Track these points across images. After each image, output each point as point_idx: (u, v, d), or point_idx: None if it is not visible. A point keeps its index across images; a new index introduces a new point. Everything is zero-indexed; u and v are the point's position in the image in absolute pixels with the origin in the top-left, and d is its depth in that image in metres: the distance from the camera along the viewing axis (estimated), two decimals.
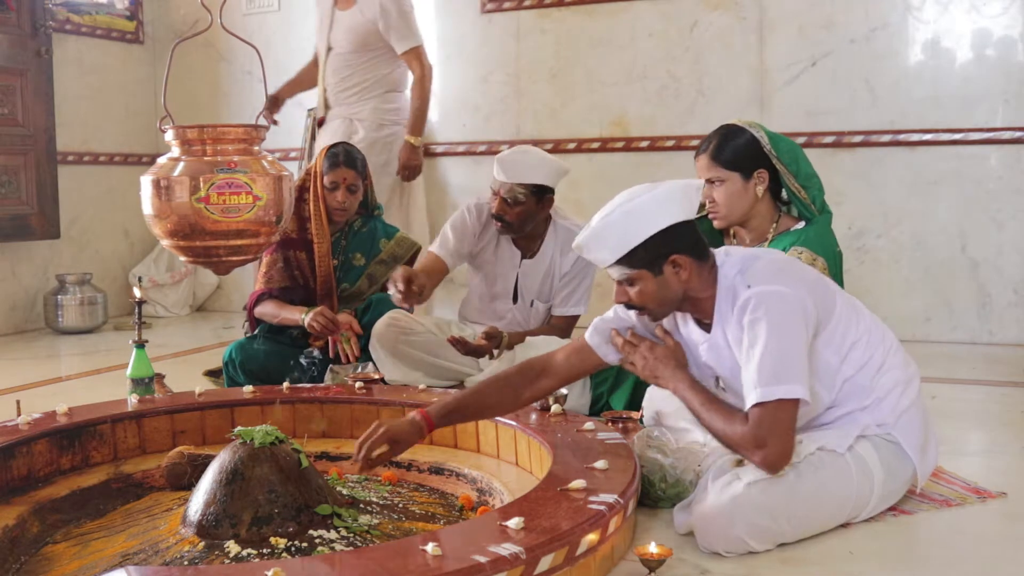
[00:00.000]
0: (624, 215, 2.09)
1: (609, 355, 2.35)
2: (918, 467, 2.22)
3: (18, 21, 5.14)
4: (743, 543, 2.00)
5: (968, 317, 4.65)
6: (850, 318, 2.19)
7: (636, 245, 2.09)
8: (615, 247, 2.11)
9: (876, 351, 2.20)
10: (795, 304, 2.06)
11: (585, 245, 2.17)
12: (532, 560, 1.67)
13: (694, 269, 2.13)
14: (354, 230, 3.62)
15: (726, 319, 2.14)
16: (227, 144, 2.08)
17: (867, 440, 2.16)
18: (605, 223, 2.11)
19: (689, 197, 2.14)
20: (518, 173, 3.29)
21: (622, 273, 2.14)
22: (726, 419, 2.07)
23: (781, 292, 2.06)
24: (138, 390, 2.90)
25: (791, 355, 2.03)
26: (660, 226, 2.08)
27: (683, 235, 2.12)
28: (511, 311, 3.53)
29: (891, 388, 2.20)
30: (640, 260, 2.11)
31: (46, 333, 5.34)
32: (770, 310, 2.04)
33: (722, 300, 2.15)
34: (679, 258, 2.11)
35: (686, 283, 2.14)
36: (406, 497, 2.39)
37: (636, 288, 2.15)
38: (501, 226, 3.39)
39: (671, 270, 2.12)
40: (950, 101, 4.61)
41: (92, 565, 1.95)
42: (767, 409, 2.01)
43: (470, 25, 5.48)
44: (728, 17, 4.95)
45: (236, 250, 2.08)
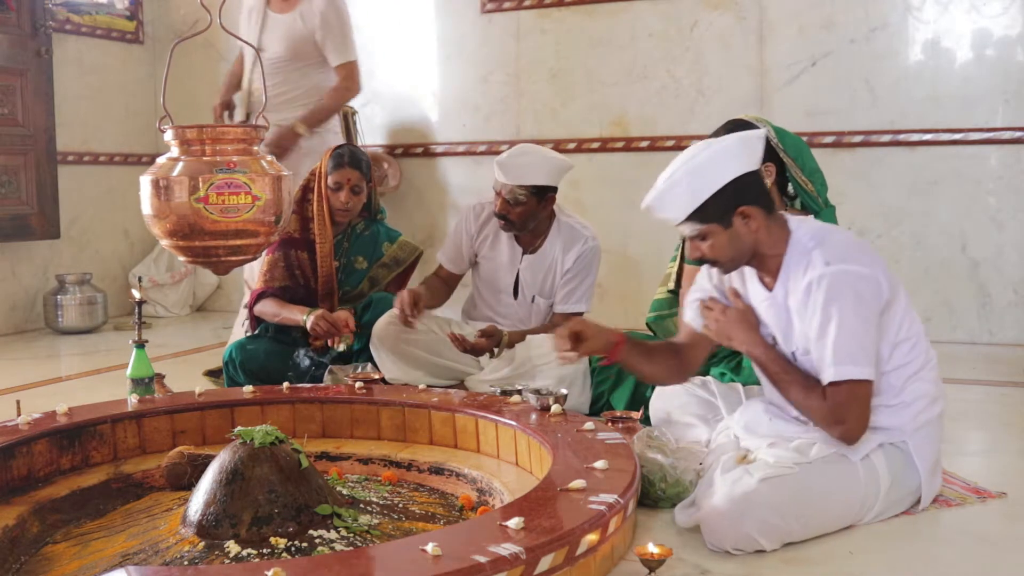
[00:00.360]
0: (689, 172, 2.15)
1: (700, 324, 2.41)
2: (924, 486, 2.23)
3: (18, 21, 5.14)
4: (752, 541, 2.00)
5: (968, 317, 4.64)
6: (905, 316, 2.21)
7: (705, 200, 2.14)
8: (684, 204, 2.16)
9: (917, 358, 2.22)
10: (871, 284, 2.12)
11: (654, 205, 2.22)
12: (532, 560, 1.67)
13: (763, 220, 2.18)
14: (356, 232, 3.62)
15: (792, 282, 2.18)
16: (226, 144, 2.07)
17: (880, 449, 2.18)
18: (671, 182, 2.17)
19: (751, 148, 2.18)
20: (518, 175, 3.31)
21: (693, 229, 2.20)
22: (805, 391, 2.15)
23: (859, 272, 2.11)
24: (138, 390, 2.90)
25: (863, 336, 2.09)
26: (726, 179, 2.14)
27: (749, 186, 2.17)
28: (512, 307, 3.54)
29: (918, 397, 2.21)
30: (710, 214, 2.16)
31: (46, 333, 5.34)
32: (846, 290, 2.09)
33: (791, 263, 2.19)
34: (748, 209, 2.16)
35: (756, 234, 2.18)
36: (406, 497, 2.39)
37: (708, 242, 2.19)
38: (504, 224, 3.41)
39: (741, 222, 2.17)
40: (950, 101, 4.61)
41: (92, 565, 1.95)
42: (842, 388, 2.08)
43: (470, 25, 5.48)
44: (728, 17, 4.95)
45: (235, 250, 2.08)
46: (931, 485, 2.25)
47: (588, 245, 3.46)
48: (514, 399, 2.73)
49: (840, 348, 2.08)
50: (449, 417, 2.71)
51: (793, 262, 2.19)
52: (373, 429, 2.80)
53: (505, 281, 3.54)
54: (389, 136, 5.74)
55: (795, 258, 2.19)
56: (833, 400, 2.10)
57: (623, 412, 2.76)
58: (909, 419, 2.20)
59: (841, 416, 2.10)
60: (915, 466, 2.21)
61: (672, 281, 3.06)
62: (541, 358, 3.21)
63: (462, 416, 2.68)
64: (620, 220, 5.18)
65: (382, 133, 5.74)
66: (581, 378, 3.15)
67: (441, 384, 3.33)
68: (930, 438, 2.23)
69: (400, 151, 5.70)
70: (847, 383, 2.09)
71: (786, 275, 2.20)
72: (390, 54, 5.70)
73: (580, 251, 3.45)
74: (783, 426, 2.26)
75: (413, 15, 5.63)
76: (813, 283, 2.12)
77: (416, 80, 5.65)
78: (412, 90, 5.67)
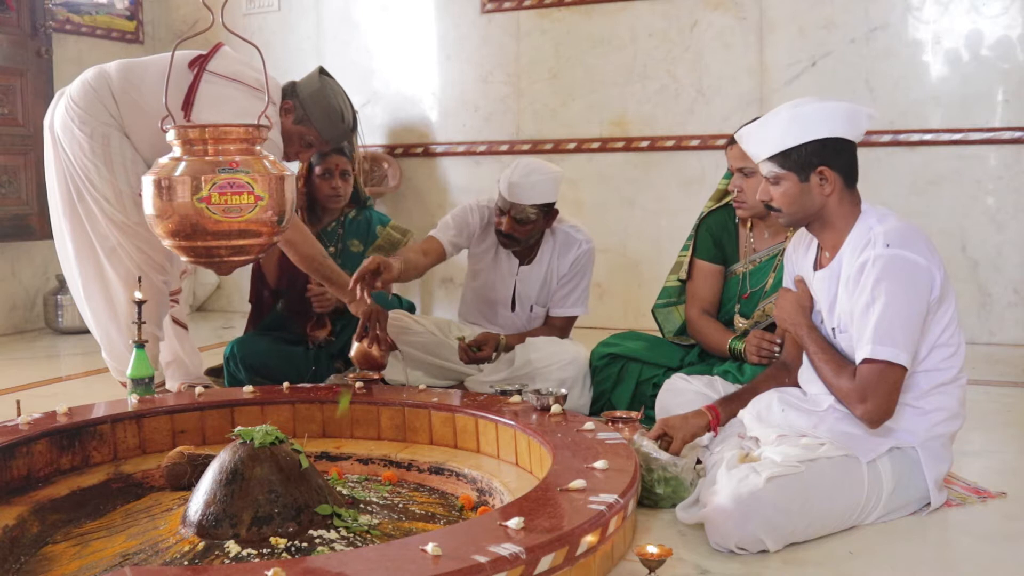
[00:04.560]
0: (792, 116, 2.20)
1: None
2: (933, 496, 2.23)
3: (18, 21, 5.14)
4: (757, 540, 2.00)
5: (968, 317, 4.64)
6: (951, 323, 2.22)
7: (793, 145, 2.18)
8: (774, 142, 2.21)
9: (950, 370, 2.23)
10: (925, 275, 2.14)
11: (746, 135, 2.28)
12: (532, 560, 1.67)
13: (839, 188, 2.22)
14: (349, 219, 3.66)
15: (849, 257, 2.21)
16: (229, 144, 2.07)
17: (887, 453, 2.18)
18: (771, 119, 2.23)
19: (858, 119, 2.22)
20: (531, 195, 3.26)
21: (771, 170, 2.24)
22: (836, 370, 2.19)
23: (916, 260, 2.13)
24: (138, 390, 2.89)
25: (907, 322, 2.11)
26: (821, 134, 2.18)
27: (839, 151, 2.21)
28: (509, 318, 3.52)
29: (939, 408, 2.22)
30: (792, 162, 2.20)
31: (46, 333, 5.34)
32: (900, 274, 2.11)
33: (854, 238, 2.22)
34: (828, 171, 2.19)
35: (827, 198, 2.22)
36: (406, 497, 2.39)
37: (780, 188, 2.24)
38: (508, 242, 3.36)
39: (817, 180, 2.20)
40: (950, 101, 4.61)
41: (92, 565, 1.95)
42: (875, 367, 2.11)
43: (470, 25, 5.48)
44: (728, 17, 4.96)
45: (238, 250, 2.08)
46: (937, 497, 2.25)
47: (583, 249, 3.44)
48: (514, 399, 2.73)
49: (881, 328, 2.10)
50: (449, 417, 2.71)
51: (856, 238, 2.22)
52: (373, 429, 2.80)
53: (502, 294, 3.51)
54: (389, 136, 5.74)
55: (860, 234, 2.22)
56: (863, 377, 2.12)
57: (623, 412, 2.76)
58: (924, 426, 2.20)
59: (866, 394, 2.12)
60: (921, 474, 2.20)
61: (683, 270, 3.07)
62: (541, 361, 3.20)
63: (462, 416, 2.68)
64: (620, 220, 5.19)
65: (382, 133, 5.75)
66: (581, 381, 3.15)
67: (441, 384, 3.33)
68: (940, 452, 2.24)
69: (400, 151, 5.70)
70: (881, 363, 2.10)
71: (845, 249, 2.24)
72: (390, 54, 5.70)
73: (576, 255, 3.43)
74: (795, 417, 2.27)
75: (413, 15, 5.64)
76: (869, 261, 2.14)
77: (416, 80, 5.66)
78: (412, 90, 5.67)
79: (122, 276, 3.20)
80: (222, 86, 3.05)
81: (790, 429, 2.24)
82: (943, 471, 2.26)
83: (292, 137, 3.22)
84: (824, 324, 2.30)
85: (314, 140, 3.27)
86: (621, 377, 3.09)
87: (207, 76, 3.05)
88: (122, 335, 3.22)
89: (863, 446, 2.16)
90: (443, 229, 3.45)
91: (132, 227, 3.14)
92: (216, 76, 3.06)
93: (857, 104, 2.27)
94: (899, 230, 2.18)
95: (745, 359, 2.85)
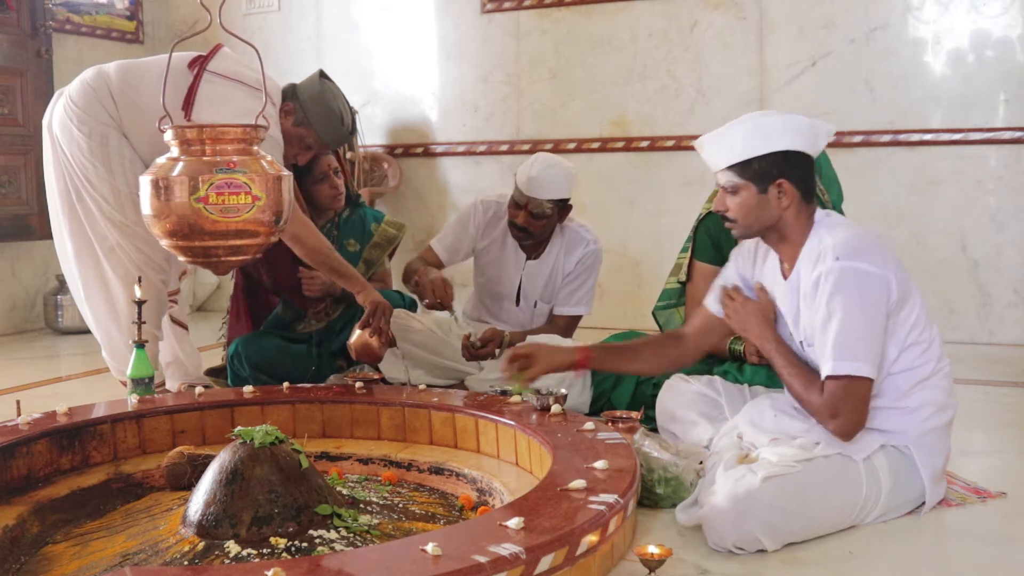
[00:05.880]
0: (753, 126, 2.20)
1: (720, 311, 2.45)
2: (928, 492, 2.23)
3: (18, 21, 5.14)
4: (755, 540, 2.00)
5: (968, 317, 4.64)
6: (919, 320, 2.21)
7: (754, 156, 2.18)
8: (734, 151, 2.21)
9: (928, 363, 2.22)
10: (879, 283, 2.12)
11: (706, 143, 2.27)
12: (532, 560, 1.67)
13: (796, 202, 2.21)
14: (343, 218, 3.64)
15: (805, 271, 2.21)
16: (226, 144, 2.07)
17: (882, 450, 2.18)
18: (732, 129, 2.22)
19: (817, 134, 2.23)
20: (550, 189, 3.31)
21: (730, 180, 2.24)
22: (806, 384, 2.18)
23: (867, 271, 2.12)
24: (138, 390, 2.89)
25: (866, 333, 2.10)
26: (781, 146, 2.18)
27: (798, 165, 2.21)
28: (514, 312, 3.54)
29: (925, 404, 2.21)
30: (751, 172, 2.20)
31: (46, 333, 5.34)
32: (852, 286, 2.11)
33: (808, 253, 2.22)
34: (786, 184, 2.20)
35: (784, 211, 2.22)
36: (406, 497, 2.39)
37: (738, 198, 2.23)
38: (523, 236, 3.39)
39: (775, 192, 2.20)
40: (950, 101, 4.61)
41: (92, 565, 1.95)
42: (840, 383, 2.10)
43: (470, 25, 5.48)
44: (728, 17, 4.96)
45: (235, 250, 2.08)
46: (935, 492, 2.25)
47: (590, 248, 3.47)
48: (514, 399, 2.73)
49: (840, 343, 2.10)
50: (449, 417, 2.71)
51: (810, 251, 2.22)
52: (373, 429, 2.80)
53: (508, 288, 3.54)
54: (389, 136, 5.74)
55: (812, 248, 2.22)
56: (830, 394, 2.12)
57: (623, 412, 2.76)
58: (914, 424, 2.20)
59: (836, 410, 2.11)
60: (918, 472, 2.20)
61: (683, 272, 3.07)
62: None
63: (462, 416, 2.68)
64: (620, 220, 5.19)
65: (382, 133, 5.75)
66: (581, 379, 3.15)
67: (441, 384, 3.33)
68: (935, 446, 2.23)
69: (400, 151, 5.70)
70: (845, 378, 2.10)
71: (801, 263, 2.24)
72: (390, 54, 5.70)
73: (582, 254, 3.46)
74: (788, 423, 2.27)
75: (413, 15, 5.64)
76: (822, 276, 2.14)
77: (416, 80, 5.66)
78: (412, 90, 5.68)
79: (121, 276, 3.20)
80: (223, 86, 3.05)
81: (783, 434, 2.25)
82: (940, 464, 2.25)
83: (292, 139, 3.22)
84: (792, 337, 2.29)
85: (313, 143, 3.27)
86: (621, 377, 3.09)
87: (207, 76, 3.05)
88: (122, 335, 3.22)
89: (856, 444, 2.16)
90: (441, 238, 3.54)
91: (130, 227, 3.14)
92: (216, 76, 3.06)
93: (818, 120, 2.27)
94: (848, 241, 2.16)
95: (745, 359, 2.86)
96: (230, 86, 3.05)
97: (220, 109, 2.97)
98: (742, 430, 2.36)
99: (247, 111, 2.61)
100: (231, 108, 2.95)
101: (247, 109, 2.70)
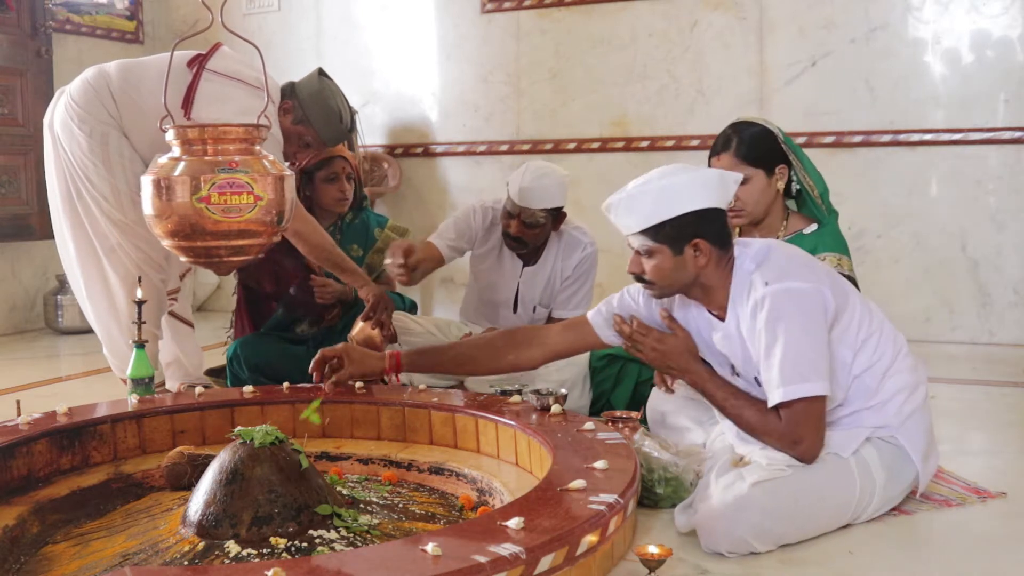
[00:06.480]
0: (661, 188, 2.13)
1: (611, 337, 2.41)
2: (920, 472, 2.23)
3: (18, 21, 5.14)
4: (746, 543, 2.00)
5: (968, 317, 4.65)
6: (863, 314, 2.20)
7: (665, 219, 2.12)
8: (644, 216, 2.14)
9: (886, 352, 2.20)
10: (814, 299, 2.09)
11: (615, 207, 2.19)
12: (532, 560, 1.67)
13: (713, 257, 2.17)
14: (347, 222, 3.64)
15: (740, 308, 2.17)
16: (228, 144, 2.07)
17: (870, 443, 2.17)
18: (641, 190, 2.14)
19: (726, 186, 2.18)
20: (542, 199, 3.28)
21: (643, 244, 2.18)
22: (759, 411, 2.13)
23: (800, 288, 2.09)
24: (138, 390, 2.89)
25: (811, 352, 2.07)
26: (693, 207, 2.12)
27: (712, 221, 2.15)
28: (511, 320, 3.52)
29: (896, 391, 2.20)
30: (664, 236, 2.14)
31: (46, 333, 5.34)
32: (788, 308, 2.07)
33: (737, 292, 2.18)
34: (702, 243, 2.15)
35: (702, 269, 2.17)
36: (406, 497, 2.39)
37: (653, 262, 2.18)
38: (516, 244, 3.37)
39: (691, 253, 2.15)
40: (950, 101, 4.61)
41: (92, 565, 1.95)
42: (795, 408, 2.06)
43: (470, 25, 5.48)
44: (728, 17, 4.96)
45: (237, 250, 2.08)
46: (927, 468, 2.24)
47: (587, 251, 3.45)
48: (514, 399, 2.73)
49: (788, 367, 2.05)
50: (449, 417, 2.70)
51: (738, 289, 2.18)
52: (373, 429, 2.80)
53: (505, 295, 3.52)
54: (389, 136, 5.74)
55: (739, 284, 2.17)
56: (788, 420, 2.08)
57: (623, 412, 2.76)
58: (893, 414, 2.19)
59: (799, 435, 2.07)
60: (909, 458, 2.20)
61: None
62: None
63: (462, 416, 2.68)
64: None
65: (382, 133, 5.75)
66: (580, 382, 3.15)
67: (441, 384, 3.33)
68: (918, 426, 2.21)
69: (400, 151, 5.70)
70: (800, 401, 2.06)
71: (733, 305, 2.19)
72: (390, 54, 5.70)
73: (580, 258, 3.44)
74: None
75: (413, 15, 5.64)
76: (756, 305, 2.10)
77: (416, 80, 5.66)
78: (412, 90, 5.68)
79: (121, 275, 3.21)
80: (222, 84, 3.05)
81: None
82: (926, 440, 2.23)
83: (290, 137, 3.23)
84: (740, 376, 2.25)
85: (312, 140, 3.28)
86: (620, 378, 3.09)
87: (207, 75, 3.05)
88: (123, 333, 3.23)
89: (840, 441, 2.15)
90: (442, 234, 3.46)
91: (130, 225, 3.16)
92: (216, 75, 3.06)
93: (723, 171, 2.23)
94: (774, 264, 2.14)
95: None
96: (230, 84, 3.05)
97: (220, 108, 2.97)
98: (731, 442, 2.33)
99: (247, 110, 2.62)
100: (231, 107, 2.95)
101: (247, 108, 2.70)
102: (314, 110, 3.22)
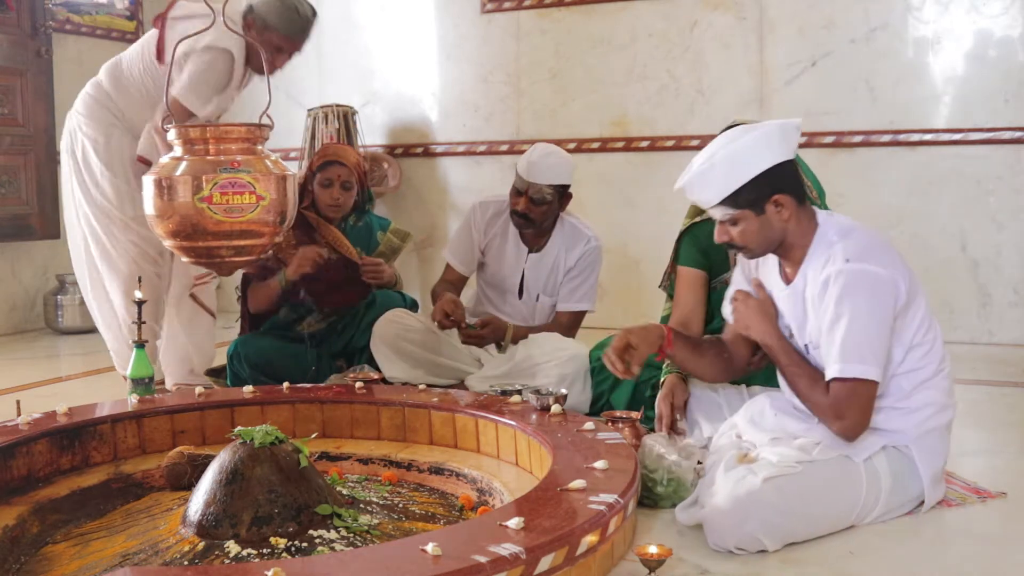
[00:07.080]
0: (727, 157, 2.15)
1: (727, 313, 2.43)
2: (927, 493, 2.23)
3: (18, 21, 5.14)
4: (756, 540, 2.00)
5: (968, 317, 4.64)
6: (923, 321, 2.21)
7: (740, 185, 2.15)
8: (719, 188, 2.16)
9: (931, 364, 2.22)
10: (888, 286, 2.12)
11: (688, 187, 2.21)
12: (532, 560, 1.67)
13: (795, 210, 2.19)
14: (350, 225, 3.63)
15: (812, 274, 2.19)
16: (230, 143, 2.07)
17: (882, 451, 2.18)
18: (709, 164, 2.16)
19: (788, 137, 2.19)
20: (549, 175, 3.36)
21: (725, 213, 2.20)
22: (810, 383, 2.17)
23: (877, 273, 2.11)
24: (138, 390, 2.90)
25: (874, 337, 2.10)
26: (763, 166, 2.14)
27: (785, 175, 2.18)
28: (517, 306, 3.56)
29: (926, 404, 2.21)
30: (744, 200, 2.17)
31: (46, 333, 5.34)
32: (862, 289, 2.09)
33: (815, 255, 2.20)
34: (781, 198, 2.17)
35: (787, 223, 2.19)
36: (406, 497, 2.39)
37: (738, 228, 2.21)
38: (524, 222, 3.42)
39: (773, 210, 2.18)
40: (950, 101, 4.61)
41: (92, 565, 1.95)
42: (846, 385, 2.09)
43: (470, 25, 5.48)
44: (728, 17, 4.95)
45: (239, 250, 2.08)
46: (934, 493, 2.25)
47: (591, 245, 3.49)
48: (514, 399, 2.73)
49: (848, 345, 2.09)
50: (449, 417, 2.71)
51: (816, 254, 2.21)
52: (373, 429, 2.80)
53: (511, 281, 3.56)
54: (389, 136, 5.74)
55: (819, 250, 2.20)
56: (836, 395, 2.12)
57: (623, 412, 2.76)
58: (914, 424, 2.20)
59: (842, 412, 2.11)
60: (917, 472, 2.20)
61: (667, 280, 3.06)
62: (542, 356, 3.21)
63: (462, 416, 2.68)
64: (620, 220, 5.18)
65: (382, 133, 5.74)
66: (581, 378, 3.16)
67: (441, 384, 3.33)
68: (935, 446, 2.23)
69: (400, 151, 5.70)
70: (851, 380, 2.10)
71: (807, 267, 2.22)
72: (390, 54, 5.70)
73: (583, 251, 3.48)
74: (787, 421, 2.27)
75: (413, 15, 5.63)
76: (831, 278, 2.13)
77: (416, 80, 5.66)
78: (412, 90, 5.67)
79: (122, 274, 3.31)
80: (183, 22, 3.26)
81: (783, 432, 2.25)
82: (939, 465, 2.26)
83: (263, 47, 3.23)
84: (795, 339, 2.28)
85: (280, 41, 3.41)
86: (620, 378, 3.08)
87: (169, 23, 3.31)
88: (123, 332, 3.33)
89: (857, 446, 2.16)
90: (453, 251, 3.62)
91: (128, 222, 3.32)
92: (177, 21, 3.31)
93: (783, 120, 2.23)
94: (858, 242, 2.16)
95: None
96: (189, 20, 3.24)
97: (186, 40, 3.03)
98: (741, 429, 2.35)
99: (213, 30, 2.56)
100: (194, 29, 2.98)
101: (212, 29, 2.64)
102: (269, 13, 3.37)
